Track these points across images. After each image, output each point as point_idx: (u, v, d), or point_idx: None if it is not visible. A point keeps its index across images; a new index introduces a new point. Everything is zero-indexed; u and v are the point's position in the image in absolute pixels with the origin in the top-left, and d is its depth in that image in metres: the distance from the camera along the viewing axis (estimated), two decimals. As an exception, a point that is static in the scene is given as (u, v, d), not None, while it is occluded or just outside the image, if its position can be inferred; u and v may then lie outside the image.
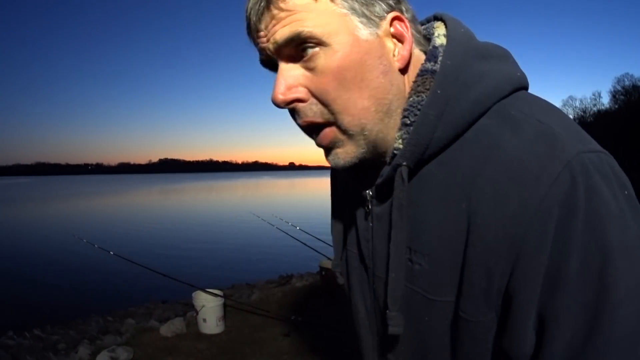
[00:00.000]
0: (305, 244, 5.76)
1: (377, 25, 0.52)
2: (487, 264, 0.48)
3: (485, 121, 0.51)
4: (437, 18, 0.61)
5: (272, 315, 4.48)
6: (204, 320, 4.22)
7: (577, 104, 72.13)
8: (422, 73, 0.54)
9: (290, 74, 0.53)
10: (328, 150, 0.57)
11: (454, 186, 0.51)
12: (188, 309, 5.04)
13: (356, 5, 0.51)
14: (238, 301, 5.10)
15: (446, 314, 0.54)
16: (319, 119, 0.54)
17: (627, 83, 61.85)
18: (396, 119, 0.55)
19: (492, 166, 0.48)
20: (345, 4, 0.50)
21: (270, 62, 0.55)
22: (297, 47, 0.51)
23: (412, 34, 0.55)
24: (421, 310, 0.56)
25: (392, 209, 0.55)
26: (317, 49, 0.50)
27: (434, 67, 0.54)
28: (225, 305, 4.45)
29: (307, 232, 5.94)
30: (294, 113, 0.55)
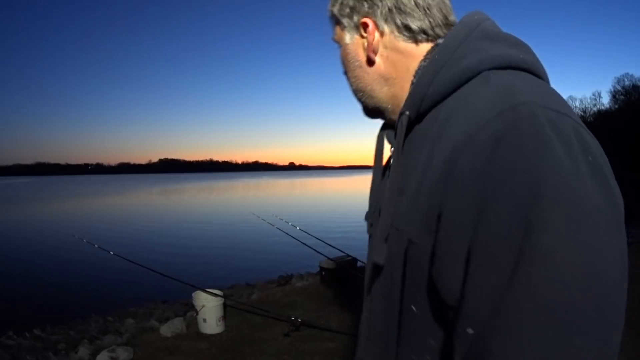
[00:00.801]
0: (305, 244, 5.76)
1: (356, 31, 0.70)
2: (429, 187, 0.54)
3: (470, 83, 0.58)
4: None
5: (272, 315, 4.49)
6: (204, 320, 4.22)
7: (577, 104, 72.19)
8: (435, 46, 0.66)
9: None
10: None
11: (432, 134, 0.59)
12: (188, 309, 5.04)
13: (344, 21, 0.71)
14: (238, 301, 5.10)
15: (403, 243, 0.58)
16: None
17: (627, 83, 61.93)
18: (395, 92, 0.70)
19: (458, 111, 0.55)
20: (339, 21, 0.72)
21: None
22: None
23: (391, 30, 0.67)
24: (393, 244, 0.61)
25: (392, 152, 0.65)
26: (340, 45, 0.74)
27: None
28: (225, 305, 4.45)
29: (307, 232, 5.94)
30: None
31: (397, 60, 0.68)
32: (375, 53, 0.68)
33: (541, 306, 0.42)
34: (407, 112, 0.63)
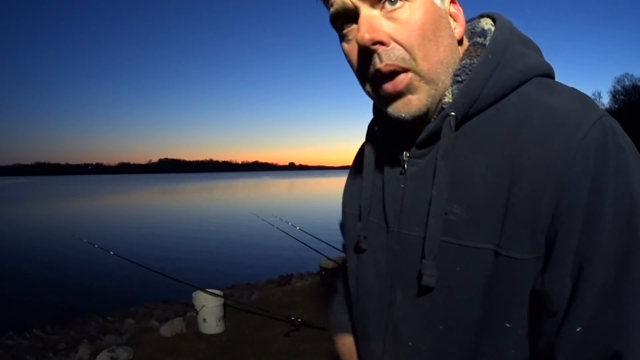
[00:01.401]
0: (305, 244, 5.76)
1: (442, 1, 0.59)
2: (535, 199, 0.51)
3: (526, 88, 0.58)
4: (482, 16, 0.68)
5: (272, 315, 4.48)
6: (204, 320, 4.22)
7: (577, 104, 71.91)
8: (474, 44, 0.62)
9: (375, 19, 0.56)
10: (399, 96, 0.59)
11: (497, 137, 0.56)
12: (188, 309, 5.04)
13: None
14: (238, 301, 5.10)
15: (483, 260, 0.55)
16: (400, 64, 0.56)
17: (627, 83, 61.90)
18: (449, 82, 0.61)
19: (535, 117, 0.54)
20: None
21: (342, 16, 0.59)
22: None
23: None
24: (453, 262, 0.57)
25: (437, 156, 0.58)
26: (402, 2, 0.56)
27: (484, 42, 0.62)
28: (225, 305, 4.45)
29: (307, 232, 5.95)
30: (369, 58, 0.58)
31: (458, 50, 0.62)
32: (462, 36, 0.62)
33: None
34: (454, 114, 0.58)
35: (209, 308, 4.20)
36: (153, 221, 20.64)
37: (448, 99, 0.60)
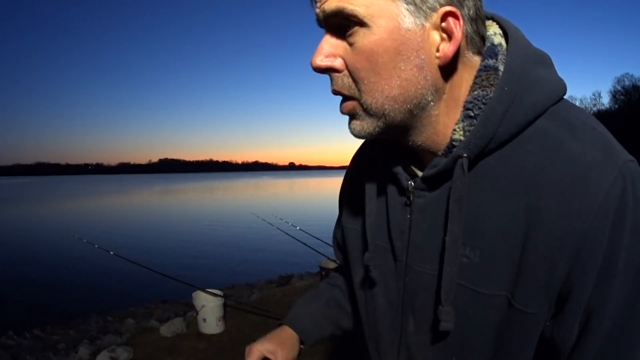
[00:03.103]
0: (305, 244, 5.76)
1: (426, 17, 0.51)
2: (552, 257, 0.50)
3: (543, 122, 0.53)
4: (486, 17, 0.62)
5: (272, 315, 4.48)
6: (204, 320, 4.21)
7: (577, 104, 71.46)
8: (486, 69, 0.55)
9: (332, 43, 0.55)
10: (348, 117, 0.59)
11: (514, 182, 0.53)
12: (188, 309, 5.04)
13: None
14: (238, 301, 5.10)
15: (496, 307, 0.55)
16: (345, 92, 0.56)
17: (627, 83, 61.98)
18: (438, 113, 0.56)
19: (555, 166, 0.50)
20: None
21: (320, 26, 0.58)
22: (342, 21, 0.53)
23: (467, 33, 0.54)
24: (467, 305, 0.57)
25: (450, 200, 0.55)
26: (356, 27, 0.52)
27: (496, 65, 0.55)
28: (225, 305, 4.45)
29: (307, 232, 5.94)
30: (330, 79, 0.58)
31: (456, 72, 0.55)
32: (454, 56, 0.53)
33: None
34: (466, 155, 0.53)
35: (209, 308, 4.20)
36: (153, 221, 20.64)
37: (459, 135, 0.55)
